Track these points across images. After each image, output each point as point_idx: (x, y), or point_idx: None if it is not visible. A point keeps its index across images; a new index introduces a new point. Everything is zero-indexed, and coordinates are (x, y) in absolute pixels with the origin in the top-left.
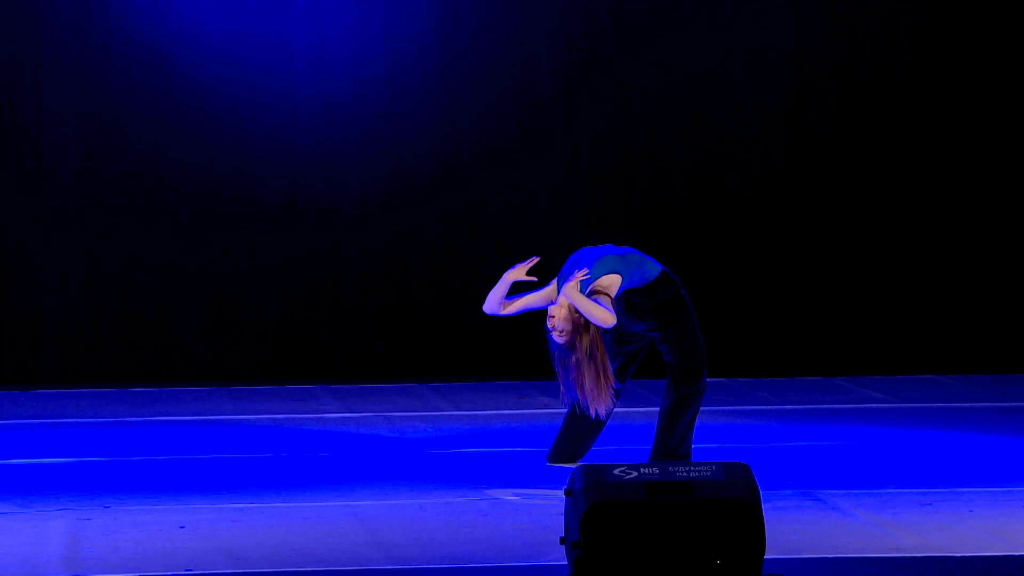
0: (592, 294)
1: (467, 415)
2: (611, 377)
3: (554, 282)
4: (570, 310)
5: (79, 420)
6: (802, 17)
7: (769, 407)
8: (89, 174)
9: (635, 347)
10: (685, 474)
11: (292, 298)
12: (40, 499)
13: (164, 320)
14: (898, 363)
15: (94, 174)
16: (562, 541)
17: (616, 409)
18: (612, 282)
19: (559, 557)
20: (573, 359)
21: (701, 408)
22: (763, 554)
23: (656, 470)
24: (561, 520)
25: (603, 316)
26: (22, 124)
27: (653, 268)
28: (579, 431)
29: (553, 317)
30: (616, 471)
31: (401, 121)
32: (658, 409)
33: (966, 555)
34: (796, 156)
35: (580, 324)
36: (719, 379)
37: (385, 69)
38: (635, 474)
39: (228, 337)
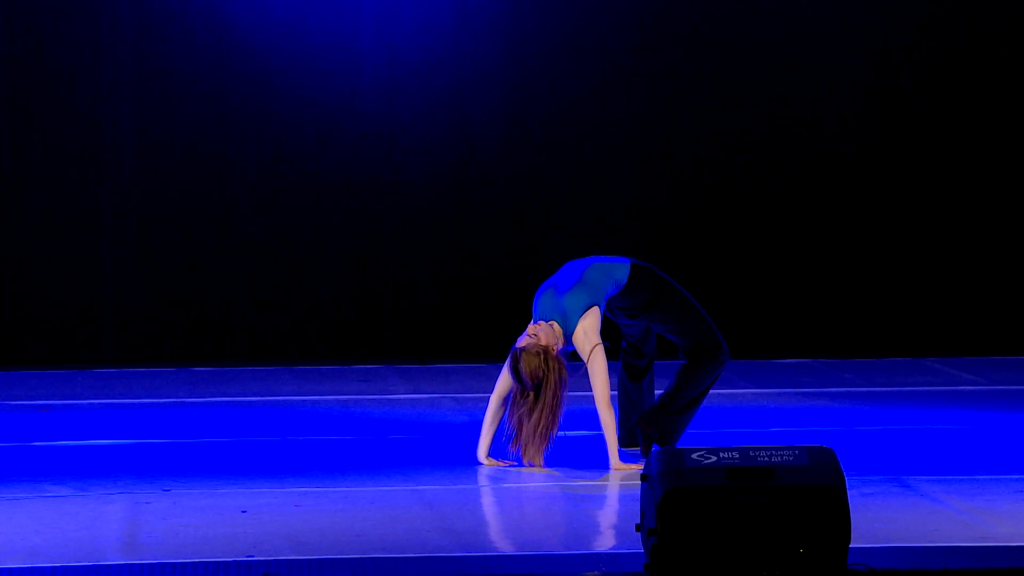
0: (587, 342)
1: None
2: (556, 430)
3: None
4: (548, 336)
5: (138, 400)
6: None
7: (855, 389)
8: (149, 151)
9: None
10: (767, 459)
11: (357, 276)
12: (99, 482)
13: (225, 298)
14: (990, 343)
15: (154, 151)
16: (638, 528)
17: None
18: (592, 319)
19: (635, 544)
20: (530, 398)
21: (783, 391)
22: (848, 542)
23: (736, 455)
24: (637, 506)
25: (604, 382)
26: (81, 100)
27: (621, 268)
28: (627, 409)
29: (536, 336)
30: (695, 455)
31: (469, 92)
32: (735, 391)
33: None
34: (876, 133)
35: (553, 357)
36: (802, 360)
37: (453, 38)
38: (714, 459)
39: (292, 316)
